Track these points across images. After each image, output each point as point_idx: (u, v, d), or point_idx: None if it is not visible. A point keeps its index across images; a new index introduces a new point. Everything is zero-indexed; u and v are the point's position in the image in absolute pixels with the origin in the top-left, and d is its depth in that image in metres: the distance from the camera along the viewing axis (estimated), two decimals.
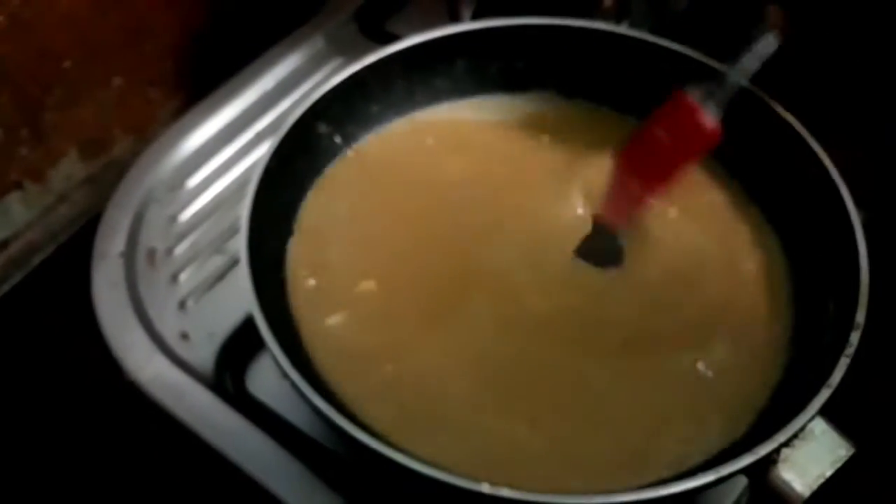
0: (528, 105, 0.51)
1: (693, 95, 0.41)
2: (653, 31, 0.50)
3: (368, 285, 0.43)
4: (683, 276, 0.43)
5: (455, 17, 0.62)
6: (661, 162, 0.43)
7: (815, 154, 0.43)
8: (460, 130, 0.50)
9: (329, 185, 0.48)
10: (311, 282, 0.43)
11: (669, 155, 0.43)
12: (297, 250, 0.45)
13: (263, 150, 0.43)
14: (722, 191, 0.47)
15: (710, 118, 0.41)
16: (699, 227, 0.46)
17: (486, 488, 0.32)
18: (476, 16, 0.62)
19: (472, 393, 0.39)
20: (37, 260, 0.59)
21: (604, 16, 0.60)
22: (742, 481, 0.40)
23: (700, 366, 0.40)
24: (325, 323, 0.42)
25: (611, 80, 0.51)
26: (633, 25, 0.58)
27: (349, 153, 0.49)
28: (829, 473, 0.36)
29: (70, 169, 0.60)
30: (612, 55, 0.50)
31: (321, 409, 0.34)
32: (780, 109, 0.45)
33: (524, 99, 0.52)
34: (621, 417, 0.38)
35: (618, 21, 0.60)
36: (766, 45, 0.41)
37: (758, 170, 0.47)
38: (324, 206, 0.47)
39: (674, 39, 0.48)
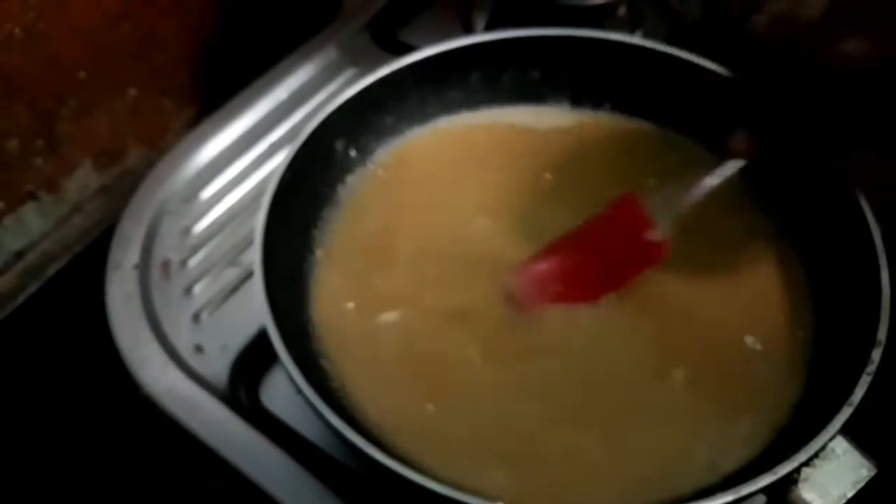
0: (543, 116, 0.51)
1: (645, 204, 0.40)
2: (667, 41, 0.49)
3: (392, 312, 0.43)
4: (702, 293, 0.43)
5: (468, 28, 0.62)
6: (600, 269, 0.42)
7: (834, 170, 0.42)
8: (475, 140, 0.50)
9: (350, 199, 0.47)
10: (346, 304, 0.43)
11: (609, 266, 0.42)
12: (319, 268, 0.45)
13: (278, 161, 0.43)
14: (738, 203, 0.47)
15: (658, 234, 0.40)
16: (715, 241, 0.45)
17: None
18: (489, 26, 0.62)
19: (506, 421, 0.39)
20: (52, 270, 0.59)
21: (617, 25, 0.60)
22: (760, 500, 0.39)
23: (719, 384, 0.39)
24: (345, 340, 0.42)
25: (626, 90, 0.50)
26: (646, 35, 0.58)
27: (368, 166, 0.49)
28: (850, 494, 0.35)
29: (84, 179, 0.60)
30: (626, 65, 0.49)
31: (334, 425, 0.34)
32: None
33: (538, 110, 0.51)
34: (642, 438, 0.38)
35: (631, 31, 0.60)
36: (729, 167, 0.40)
37: (774, 182, 0.46)
38: (344, 221, 0.47)
39: (687, 48, 0.48)
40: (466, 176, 0.48)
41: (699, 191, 0.41)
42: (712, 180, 0.40)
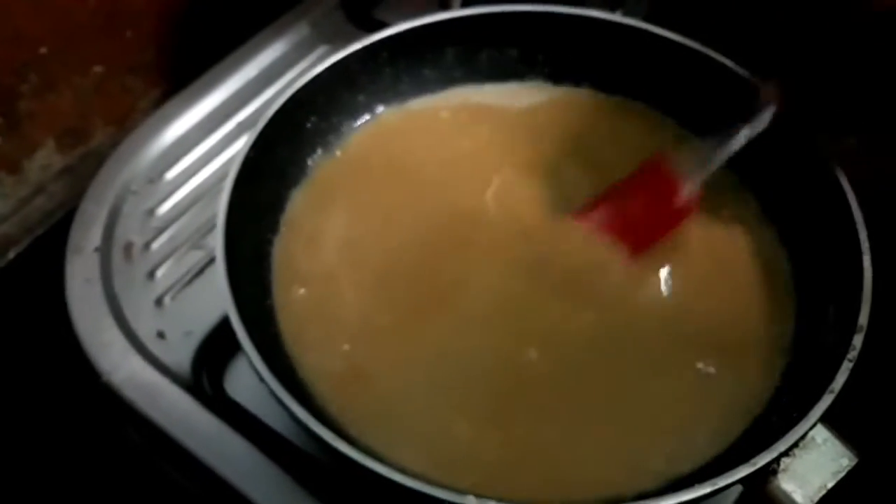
0: (521, 94, 0.50)
1: (674, 165, 0.41)
2: (647, 20, 0.48)
3: (356, 292, 0.41)
4: (681, 278, 0.42)
5: (445, 5, 0.61)
6: (635, 227, 0.42)
7: (818, 153, 0.41)
8: (449, 121, 0.49)
9: (317, 180, 0.46)
10: (299, 289, 0.42)
11: (642, 223, 0.42)
12: (283, 249, 0.43)
13: (244, 142, 0.42)
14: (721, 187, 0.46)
15: (688, 191, 0.41)
16: (698, 228, 0.44)
17: (471, 501, 0.31)
18: (466, 3, 0.60)
19: (458, 401, 0.38)
20: (12, 254, 0.58)
21: (597, 4, 0.58)
22: (735, 490, 0.39)
23: (698, 370, 0.38)
24: (308, 326, 0.40)
25: (604, 67, 0.49)
26: (627, 14, 0.56)
27: (336, 146, 0.47)
28: (831, 484, 0.34)
29: (47, 159, 0.58)
30: (605, 43, 0.48)
31: (298, 416, 0.33)
32: None
33: (515, 87, 0.50)
34: (613, 423, 0.37)
35: (612, 10, 0.59)
36: (759, 123, 0.40)
37: (756, 167, 0.45)
38: (312, 203, 0.45)
39: (668, 27, 0.47)
40: (438, 156, 0.47)
41: (731, 146, 0.40)
42: (741, 140, 0.40)
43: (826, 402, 0.33)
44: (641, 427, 0.38)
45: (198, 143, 0.53)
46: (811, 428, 0.33)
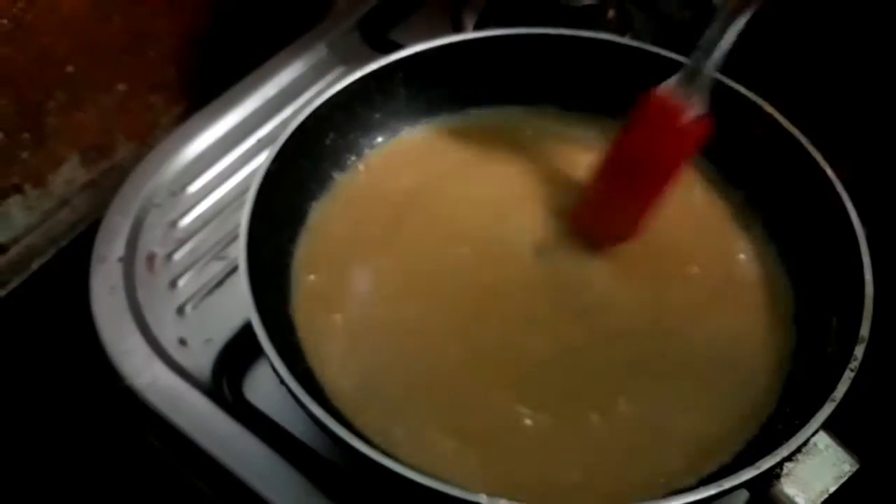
0: (532, 115, 0.51)
1: (669, 91, 0.39)
2: (654, 43, 0.50)
3: (373, 304, 0.43)
4: (687, 293, 0.43)
5: (458, 28, 0.63)
6: (649, 173, 0.41)
7: (818, 166, 0.43)
8: (463, 140, 0.50)
9: (336, 194, 0.47)
10: (323, 302, 0.43)
11: (657, 164, 0.41)
12: (304, 257, 0.45)
13: (265, 157, 0.43)
14: (723, 203, 0.47)
15: (693, 112, 0.39)
16: (700, 240, 0.45)
17: (483, 499, 0.32)
18: (479, 26, 0.62)
19: (474, 402, 0.39)
20: (36, 265, 0.59)
21: (607, 28, 0.60)
22: (743, 495, 0.39)
23: (700, 378, 0.39)
24: (327, 334, 0.42)
25: (614, 90, 0.50)
26: (635, 37, 0.58)
27: (355, 162, 0.49)
28: (832, 489, 0.35)
29: (71, 174, 0.60)
30: (615, 66, 0.49)
31: (317, 416, 0.34)
32: (783, 121, 0.44)
33: (528, 109, 0.51)
34: (623, 429, 0.38)
35: (621, 33, 0.61)
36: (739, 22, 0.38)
37: (760, 182, 0.46)
38: (330, 216, 0.46)
39: (676, 51, 0.48)
40: (452, 173, 0.48)
41: (719, 50, 0.38)
42: (726, 42, 0.38)
43: (828, 409, 0.34)
44: (650, 437, 0.39)
45: (218, 158, 0.55)
46: (813, 434, 0.34)
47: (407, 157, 0.49)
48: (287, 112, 0.58)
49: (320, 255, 0.45)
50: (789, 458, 0.34)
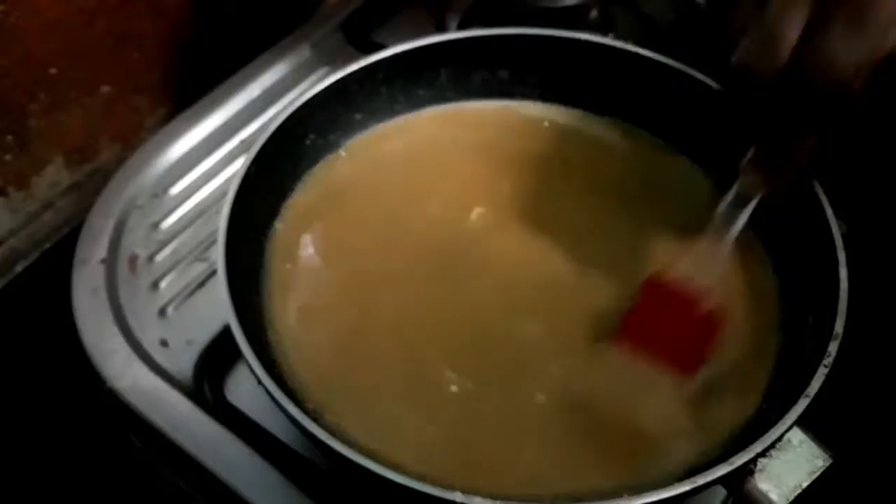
0: (511, 112, 0.51)
1: (678, 276, 0.38)
2: (638, 44, 0.50)
3: (348, 306, 0.43)
4: None
5: (442, 28, 0.63)
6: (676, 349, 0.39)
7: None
8: (441, 137, 0.50)
9: (315, 195, 0.47)
10: (294, 298, 0.43)
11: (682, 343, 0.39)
12: (281, 261, 0.45)
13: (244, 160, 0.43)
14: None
15: (707, 301, 0.38)
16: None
17: (458, 497, 0.32)
18: (461, 27, 0.62)
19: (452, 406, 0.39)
20: (19, 267, 0.59)
21: (589, 28, 0.60)
22: (720, 493, 0.40)
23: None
24: (301, 332, 0.42)
25: (594, 89, 0.51)
26: (618, 38, 0.58)
27: (334, 162, 0.49)
28: (806, 484, 0.35)
29: (55, 176, 0.60)
30: (596, 66, 0.50)
31: (294, 416, 0.34)
32: None
33: (507, 105, 0.52)
34: (602, 424, 0.38)
35: (603, 33, 0.61)
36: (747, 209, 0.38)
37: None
38: (309, 216, 0.46)
39: (659, 51, 0.48)
40: (431, 170, 0.48)
41: (725, 247, 0.39)
42: (737, 227, 0.38)
43: (801, 406, 0.35)
44: (632, 437, 0.39)
45: (201, 160, 0.55)
46: (787, 430, 0.34)
47: (385, 155, 0.49)
48: (271, 113, 0.58)
49: (292, 255, 0.45)
50: (763, 454, 0.34)
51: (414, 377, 0.40)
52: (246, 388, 0.46)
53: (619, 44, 0.49)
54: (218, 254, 0.39)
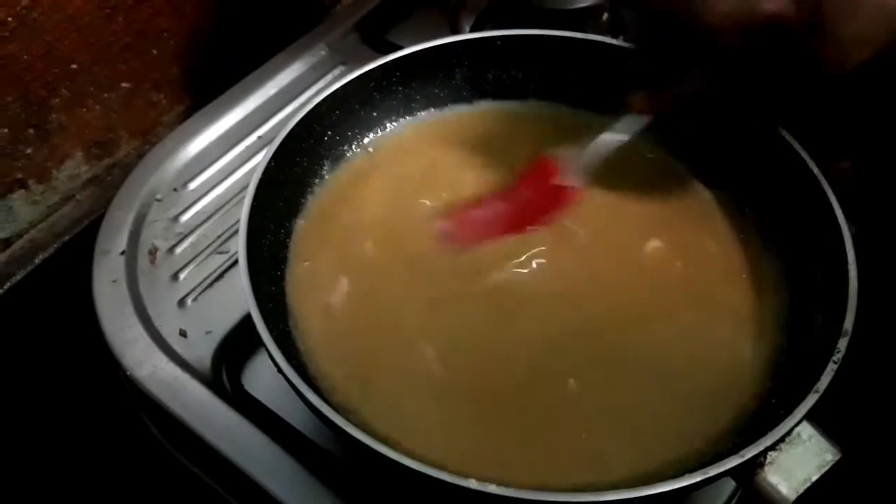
0: (521, 110, 0.52)
1: (556, 158, 0.47)
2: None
3: (363, 298, 0.43)
4: (684, 292, 0.44)
5: (455, 29, 0.64)
6: (521, 213, 0.46)
7: (807, 167, 0.43)
8: (457, 135, 0.51)
9: (333, 189, 0.48)
10: (311, 290, 0.44)
11: (529, 209, 0.46)
12: (299, 253, 0.45)
13: (264, 154, 0.44)
14: (714, 201, 0.48)
15: (568, 181, 0.46)
16: (689, 236, 0.46)
17: (473, 484, 0.32)
18: (475, 28, 0.63)
19: (461, 399, 0.40)
20: (39, 259, 0.60)
21: (599, 31, 0.61)
22: (730, 486, 0.40)
23: (687, 371, 0.40)
24: (322, 320, 0.42)
25: (609, 89, 0.51)
26: (627, 41, 0.59)
27: (352, 158, 0.50)
28: (815, 477, 0.36)
29: (75, 169, 0.61)
30: (607, 66, 0.50)
31: (313, 404, 0.35)
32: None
33: (518, 105, 0.52)
34: (615, 418, 0.39)
35: (614, 35, 0.62)
36: (628, 124, 0.45)
37: (750, 182, 0.47)
38: (327, 210, 0.47)
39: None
40: (445, 168, 0.49)
41: (605, 147, 0.45)
42: (616, 137, 0.45)
43: (811, 401, 0.35)
44: (644, 427, 0.39)
45: (220, 155, 0.56)
46: (797, 425, 0.35)
47: (402, 151, 0.50)
48: (287, 110, 0.59)
49: (315, 243, 0.45)
50: (773, 448, 0.35)
51: (434, 372, 0.41)
52: (263, 377, 0.46)
53: (630, 45, 0.50)
54: (240, 240, 0.40)
